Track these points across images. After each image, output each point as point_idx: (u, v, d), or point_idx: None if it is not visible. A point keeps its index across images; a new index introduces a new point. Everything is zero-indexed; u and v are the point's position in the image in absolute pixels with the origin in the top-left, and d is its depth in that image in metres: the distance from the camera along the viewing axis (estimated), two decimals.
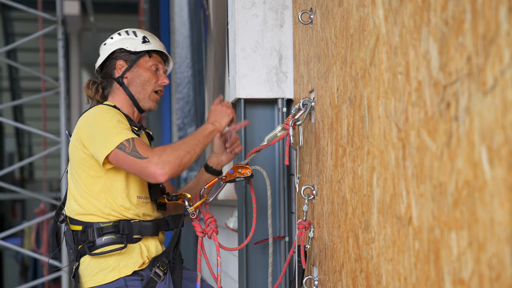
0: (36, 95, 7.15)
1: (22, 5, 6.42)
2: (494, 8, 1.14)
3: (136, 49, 2.53)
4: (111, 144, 2.30)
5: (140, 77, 2.52)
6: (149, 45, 2.56)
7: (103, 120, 2.37)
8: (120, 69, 2.53)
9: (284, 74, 2.88)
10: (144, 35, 2.57)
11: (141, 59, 2.54)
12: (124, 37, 2.57)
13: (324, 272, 2.35)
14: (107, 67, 2.56)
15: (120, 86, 2.53)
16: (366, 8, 1.84)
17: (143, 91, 2.53)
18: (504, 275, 1.11)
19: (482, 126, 1.18)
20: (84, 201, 2.42)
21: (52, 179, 11.73)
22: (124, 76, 2.53)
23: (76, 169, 2.43)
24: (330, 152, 2.26)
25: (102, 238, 2.37)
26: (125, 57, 2.54)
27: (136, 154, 2.28)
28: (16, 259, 10.37)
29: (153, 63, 2.55)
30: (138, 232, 2.41)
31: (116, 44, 2.55)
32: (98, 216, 2.40)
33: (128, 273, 2.38)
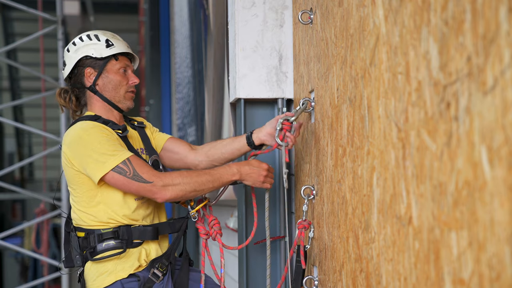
0: (36, 95, 7.14)
1: (22, 5, 6.42)
2: (494, 8, 1.14)
3: (102, 55, 2.52)
4: (106, 167, 2.34)
5: (111, 82, 2.53)
6: (114, 49, 2.54)
7: (90, 140, 2.38)
8: (90, 77, 2.53)
9: (284, 74, 2.88)
10: (107, 37, 2.55)
11: (108, 64, 2.54)
12: (87, 43, 2.54)
13: (324, 272, 2.35)
14: (76, 75, 2.55)
15: (94, 94, 2.54)
16: (366, 8, 1.84)
17: (117, 94, 2.54)
18: (504, 275, 1.11)
19: (482, 126, 1.18)
20: (83, 214, 2.45)
21: (52, 179, 11.73)
22: (96, 83, 2.53)
23: (71, 185, 2.48)
24: (330, 152, 2.26)
25: (102, 244, 2.41)
26: (92, 64, 2.53)
27: (139, 179, 2.34)
28: (16, 259, 10.37)
29: (121, 65, 2.55)
30: (138, 237, 2.43)
31: (81, 51, 2.54)
32: (98, 224, 2.44)
33: (124, 276, 2.41)
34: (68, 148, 2.42)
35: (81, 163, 2.38)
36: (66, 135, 2.48)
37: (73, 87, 2.57)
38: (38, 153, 7.45)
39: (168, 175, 2.37)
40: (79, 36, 2.59)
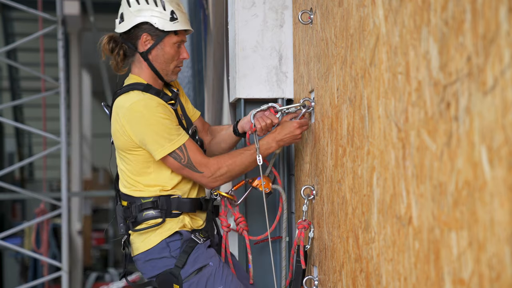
0: (36, 95, 7.14)
1: (22, 5, 6.41)
2: (494, 8, 1.14)
3: (164, 28, 2.50)
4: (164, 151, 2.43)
5: (164, 55, 2.53)
6: (177, 24, 2.51)
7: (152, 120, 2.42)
8: (145, 43, 2.51)
9: (284, 74, 2.87)
10: (172, 8, 2.50)
11: (167, 37, 2.52)
12: (151, 8, 2.49)
13: (324, 272, 2.35)
14: (131, 35, 2.53)
15: (144, 60, 2.53)
16: (366, 8, 1.84)
17: (166, 67, 2.55)
18: (504, 275, 1.11)
19: (482, 126, 1.18)
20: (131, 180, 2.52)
21: (52, 179, 11.72)
22: (149, 52, 2.52)
23: (126, 154, 2.52)
24: (330, 152, 2.26)
25: (142, 213, 2.48)
26: (151, 31, 2.50)
27: (191, 167, 2.45)
28: (16, 259, 10.36)
29: (177, 40, 2.54)
30: (176, 207, 2.50)
31: (144, 15, 2.49)
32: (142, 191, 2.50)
33: (168, 234, 2.48)
34: (129, 123, 2.45)
35: (142, 140, 2.44)
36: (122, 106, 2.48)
37: (124, 43, 2.55)
38: (38, 153, 7.44)
39: (216, 164, 2.46)
40: None
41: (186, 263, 2.45)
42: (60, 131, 6.29)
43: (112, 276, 10.44)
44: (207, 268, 2.46)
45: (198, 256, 2.47)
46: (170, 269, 2.46)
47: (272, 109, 2.58)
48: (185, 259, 2.45)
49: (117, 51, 2.55)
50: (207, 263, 2.47)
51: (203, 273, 2.45)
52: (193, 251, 2.46)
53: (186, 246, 2.47)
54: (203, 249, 2.49)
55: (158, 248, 2.48)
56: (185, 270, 2.45)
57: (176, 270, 2.45)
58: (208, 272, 2.46)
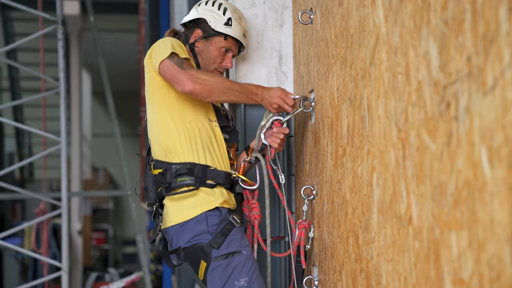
0: (36, 95, 7.13)
1: (22, 5, 6.41)
2: (494, 8, 1.14)
3: (216, 27, 2.62)
4: (166, 53, 2.45)
5: (208, 53, 2.63)
6: (229, 30, 2.62)
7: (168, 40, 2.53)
8: (195, 36, 2.65)
9: (284, 74, 2.87)
10: (231, 16, 2.64)
11: (216, 37, 2.63)
12: (213, 9, 2.65)
13: (324, 272, 2.35)
14: (189, 28, 2.69)
15: (190, 51, 2.65)
16: (366, 8, 1.84)
17: (206, 66, 2.63)
18: (504, 275, 1.11)
19: (482, 126, 1.18)
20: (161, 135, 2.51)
21: (52, 179, 11.72)
22: (196, 44, 2.64)
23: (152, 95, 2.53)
24: (330, 152, 2.26)
25: (177, 179, 2.48)
26: (204, 28, 2.64)
27: (179, 64, 2.44)
28: (16, 259, 10.37)
29: (225, 45, 2.63)
30: (211, 177, 2.48)
31: (204, 12, 2.65)
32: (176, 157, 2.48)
33: (209, 208, 2.45)
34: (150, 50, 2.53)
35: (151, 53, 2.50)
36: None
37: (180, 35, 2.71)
38: (38, 153, 7.44)
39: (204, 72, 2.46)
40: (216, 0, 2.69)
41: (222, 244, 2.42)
42: (60, 131, 6.28)
43: (112, 276, 10.44)
44: (239, 256, 2.43)
45: (233, 240, 2.43)
46: (202, 245, 2.42)
47: (277, 123, 2.55)
48: (222, 241, 2.42)
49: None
50: (241, 250, 2.43)
51: (234, 259, 2.42)
52: (230, 233, 2.44)
53: (224, 227, 2.44)
54: (240, 234, 2.46)
55: (196, 219, 2.44)
56: (218, 250, 2.42)
57: (208, 248, 2.42)
58: (238, 260, 2.42)
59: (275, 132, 2.55)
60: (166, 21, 7.38)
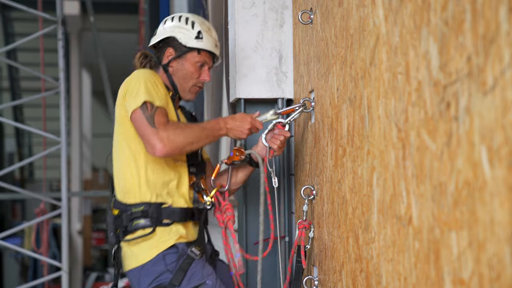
0: (36, 95, 7.13)
1: (22, 5, 6.40)
2: (494, 8, 1.14)
3: (187, 44, 2.58)
4: (139, 100, 2.40)
5: (183, 70, 2.58)
6: (201, 43, 2.58)
7: (143, 78, 2.46)
8: (168, 56, 2.59)
9: (284, 74, 2.87)
10: (200, 29, 2.58)
11: (189, 53, 2.58)
12: (181, 26, 2.59)
13: (324, 272, 2.35)
14: (159, 48, 2.63)
15: (164, 72, 2.60)
16: (366, 8, 1.84)
17: (184, 83, 2.59)
18: (504, 275, 1.11)
19: (482, 126, 1.18)
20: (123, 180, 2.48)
21: (52, 179, 11.72)
22: (170, 64, 2.59)
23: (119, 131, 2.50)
24: (330, 152, 2.26)
25: (132, 222, 2.45)
26: (175, 46, 2.59)
27: (150, 121, 2.38)
28: (16, 259, 10.37)
29: (200, 60, 2.59)
30: (167, 216, 2.45)
31: (172, 30, 2.59)
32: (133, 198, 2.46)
33: (166, 247, 2.43)
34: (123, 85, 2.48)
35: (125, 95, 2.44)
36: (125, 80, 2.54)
37: (152, 57, 2.65)
38: (38, 153, 7.44)
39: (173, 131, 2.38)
40: (182, 15, 2.64)
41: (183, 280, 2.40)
42: (60, 131, 6.28)
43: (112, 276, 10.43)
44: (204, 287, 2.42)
45: (195, 273, 2.42)
46: (165, 285, 2.40)
47: (280, 125, 2.55)
48: (182, 277, 2.40)
49: (144, 64, 2.63)
50: (204, 281, 2.42)
51: None
52: (190, 267, 2.42)
53: (183, 262, 2.42)
54: (200, 265, 2.44)
55: (153, 261, 2.42)
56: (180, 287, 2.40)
57: (171, 287, 2.40)
58: None
59: (276, 134, 2.55)
60: None
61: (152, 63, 2.63)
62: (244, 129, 2.49)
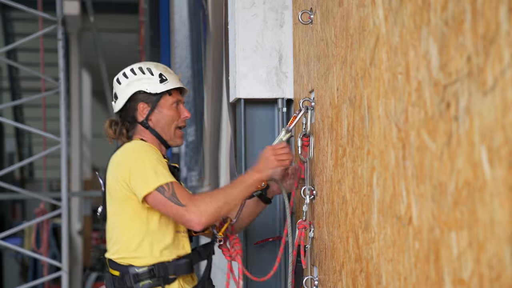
0: (36, 95, 7.14)
1: (22, 5, 6.41)
2: (494, 8, 1.14)
3: (156, 90, 2.50)
4: (152, 185, 2.32)
5: (165, 117, 2.51)
6: (168, 84, 2.52)
7: (144, 156, 2.37)
8: (143, 111, 2.51)
9: (284, 74, 2.87)
10: (160, 71, 2.53)
11: (162, 99, 2.51)
12: (140, 77, 2.52)
13: (324, 272, 2.35)
14: (128, 109, 2.53)
15: (145, 128, 2.52)
16: (366, 8, 1.84)
17: (169, 130, 2.52)
18: (504, 275, 1.11)
19: (482, 126, 1.18)
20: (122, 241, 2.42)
21: (52, 179, 11.73)
22: (148, 118, 2.51)
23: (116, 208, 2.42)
24: (330, 152, 2.26)
25: (139, 283, 2.39)
26: (145, 98, 2.50)
27: (175, 200, 2.31)
28: (16, 259, 10.37)
29: (174, 100, 2.53)
30: (173, 272, 2.41)
31: (134, 85, 2.51)
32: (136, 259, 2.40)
33: None
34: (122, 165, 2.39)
35: (131, 178, 2.35)
36: (118, 154, 2.45)
37: (123, 120, 2.54)
38: (38, 153, 7.44)
39: (202, 199, 2.32)
40: (129, 68, 2.55)
41: None
42: (60, 131, 6.29)
43: None
44: None
45: None
46: None
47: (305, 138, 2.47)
48: None
49: (118, 130, 2.54)
50: None
51: None
52: None
53: None
54: None
55: None
56: None
57: None
58: None
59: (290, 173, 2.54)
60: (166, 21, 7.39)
61: (127, 126, 2.54)
62: (272, 164, 2.39)
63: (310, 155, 2.47)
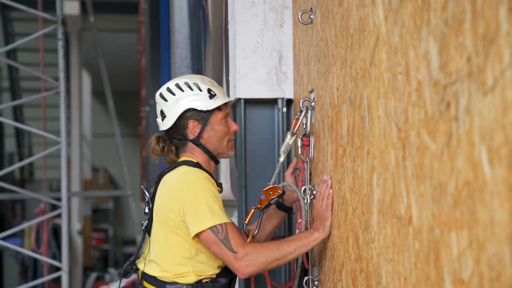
0: (36, 95, 7.14)
1: (22, 5, 6.41)
2: (494, 8, 1.14)
3: (208, 107, 2.42)
4: (206, 224, 2.28)
5: (217, 134, 2.45)
6: (218, 100, 2.44)
7: (201, 190, 2.32)
8: (194, 129, 2.44)
9: (284, 74, 2.87)
10: (208, 86, 2.45)
11: (213, 115, 2.44)
12: (187, 94, 2.44)
13: (324, 272, 2.35)
14: (177, 127, 2.45)
15: (197, 147, 2.45)
16: (366, 8, 1.84)
17: (221, 146, 2.47)
18: (504, 275, 1.11)
19: (482, 126, 1.18)
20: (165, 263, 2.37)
21: (52, 179, 11.72)
22: (200, 136, 2.44)
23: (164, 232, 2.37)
24: (330, 152, 2.26)
25: None
26: (195, 116, 2.43)
27: (227, 244, 2.26)
28: (16, 259, 10.37)
29: (223, 115, 2.47)
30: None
31: (183, 102, 2.43)
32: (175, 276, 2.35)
33: None
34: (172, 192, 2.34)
35: (185, 210, 2.31)
36: (170, 177, 2.39)
37: (172, 137, 2.47)
38: (38, 153, 7.44)
39: (254, 249, 2.27)
40: (174, 83, 2.47)
41: None
42: (60, 131, 6.28)
43: (112, 276, 10.44)
44: None
45: None
46: None
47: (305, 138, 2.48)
48: None
49: (167, 148, 2.48)
50: None
51: None
52: None
53: None
54: None
55: None
56: None
57: None
58: None
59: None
60: (166, 21, 7.39)
61: (176, 143, 2.47)
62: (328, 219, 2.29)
63: (310, 155, 2.47)
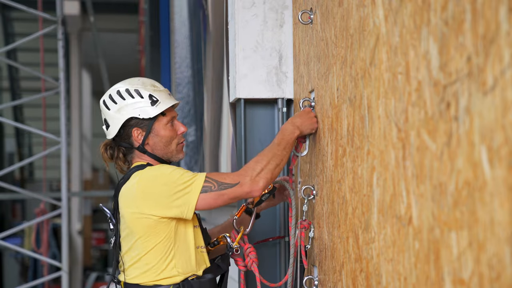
0: (36, 95, 7.14)
1: (22, 5, 6.41)
2: (494, 8, 1.14)
3: (150, 115, 2.38)
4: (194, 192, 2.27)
5: (162, 139, 2.41)
6: (160, 105, 2.39)
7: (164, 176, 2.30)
8: (138, 137, 2.41)
9: (284, 74, 2.87)
10: (149, 92, 2.40)
11: (156, 121, 2.41)
12: (128, 102, 2.39)
13: (324, 272, 2.35)
14: (123, 136, 2.42)
15: (144, 153, 2.43)
16: (366, 8, 1.84)
17: (169, 150, 2.44)
18: (504, 275, 1.11)
19: (482, 126, 1.18)
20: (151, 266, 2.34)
21: (52, 179, 11.73)
22: (145, 143, 2.41)
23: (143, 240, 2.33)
24: (330, 152, 2.26)
25: None
26: (138, 124, 2.40)
27: (226, 187, 2.27)
28: (16, 259, 10.37)
29: (168, 119, 2.43)
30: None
31: (125, 111, 2.39)
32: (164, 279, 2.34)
33: None
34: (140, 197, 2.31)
35: (165, 204, 2.28)
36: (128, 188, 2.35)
37: (118, 145, 2.45)
38: (38, 153, 7.44)
39: (246, 168, 2.30)
40: (115, 89, 2.43)
41: None
42: (60, 131, 6.29)
43: None
44: None
45: None
46: None
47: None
48: None
49: (116, 155, 2.45)
50: None
51: None
52: None
53: None
54: None
55: None
56: None
57: None
58: None
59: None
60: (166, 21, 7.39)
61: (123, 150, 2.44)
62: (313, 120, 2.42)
63: (304, 151, 2.49)
